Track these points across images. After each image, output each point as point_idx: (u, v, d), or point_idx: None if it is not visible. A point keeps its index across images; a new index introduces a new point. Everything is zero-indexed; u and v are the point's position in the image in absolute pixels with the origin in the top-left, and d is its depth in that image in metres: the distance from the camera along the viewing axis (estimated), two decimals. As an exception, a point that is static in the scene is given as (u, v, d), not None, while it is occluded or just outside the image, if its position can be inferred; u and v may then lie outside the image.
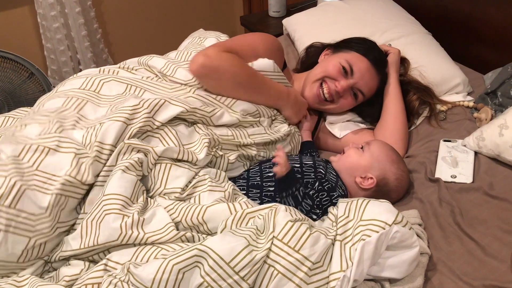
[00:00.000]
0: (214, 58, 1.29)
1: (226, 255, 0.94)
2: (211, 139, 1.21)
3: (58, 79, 2.79)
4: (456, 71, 1.73)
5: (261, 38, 1.45)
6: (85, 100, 1.25)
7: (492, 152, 1.38)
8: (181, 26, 3.21)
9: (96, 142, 1.13)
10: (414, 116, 1.59)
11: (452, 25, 1.92)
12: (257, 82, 1.35)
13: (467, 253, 1.14)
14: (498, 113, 1.54)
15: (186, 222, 1.08)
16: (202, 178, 1.17)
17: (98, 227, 1.03)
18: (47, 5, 2.54)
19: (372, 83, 1.49)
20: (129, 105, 1.18)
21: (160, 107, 1.20)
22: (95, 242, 1.03)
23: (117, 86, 1.30)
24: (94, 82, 1.30)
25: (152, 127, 1.19)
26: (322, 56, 1.57)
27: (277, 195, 1.20)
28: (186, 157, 1.17)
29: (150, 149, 1.14)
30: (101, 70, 1.38)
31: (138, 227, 1.04)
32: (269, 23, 2.46)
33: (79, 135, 1.16)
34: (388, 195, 1.26)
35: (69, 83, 1.32)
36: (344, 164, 1.29)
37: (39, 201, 1.03)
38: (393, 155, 1.30)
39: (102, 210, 1.04)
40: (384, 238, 1.02)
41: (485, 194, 1.29)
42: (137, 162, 1.12)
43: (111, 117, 1.16)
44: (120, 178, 1.08)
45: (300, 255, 0.98)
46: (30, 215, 1.02)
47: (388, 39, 1.77)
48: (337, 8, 1.99)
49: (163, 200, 1.13)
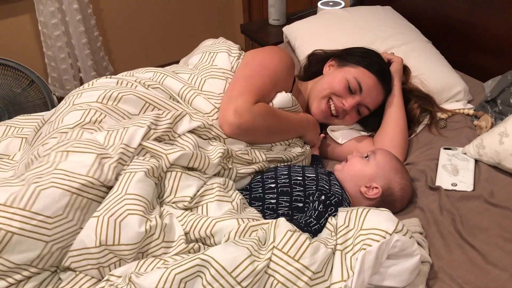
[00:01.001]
0: (247, 116, 1.26)
1: (228, 265, 0.94)
2: (225, 150, 1.21)
3: (58, 86, 2.80)
4: (457, 79, 1.73)
5: (280, 64, 1.41)
6: (103, 113, 1.20)
7: (493, 160, 1.38)
8: (181, 34, 3.22)
9: (122, 144, 1.10)
10: (415, 124, 1.59)
11: (452, 33, 1.93)
12: (286, 125, 1.37)
13: (469, 261, 1.14)
14: (498, 121, 1.54)
15: (194, 235, 1.08)
16: (210, 187, 1.16)
17: (119, 226, 0.98)
18: (48, 13, 2.55)
19: (378, 99, 1.49)
20: (153, 114, 1.19)
21: (182, 119, 1.21)
22: (116, 241, 0.98)
23: (135, 103, 1.25)
24: (112, 94, 1.24)
25: (170, 137, 1.19)
26: (327, 67, 1.55)
27: (279, 207, 1.20)
28: (198, 163, 1.16)
29: (163, 156, 1.13)
30: (119, 82, 1.32)
31: (161, 232, 1.02)
32: (269, 31, 2.47)
33: (100, 137, 1.13)
34: (393, 205, 1.26)
35: (86, 94, 1.26)
36: (349, 173, 1.28)
37: (56, 201, 0.97)
38: (397, 164, 1.29)
39: (125, 208, 1.00)
40: (385, 247, 1.02)
41: (486, 202, 1.29)
42: (157, 167, 1.10)
43: (135, 123, 1.15)
44: (143, 181, 1.05)
45: (300, 265, 0.97)
46: (47, 218, 0.96)
47: (388, 47, 1.77)
48: (337, 16, 2.00)
49: (173, 209, 1.12)
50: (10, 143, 1.32)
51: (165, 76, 1.38)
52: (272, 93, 1.37)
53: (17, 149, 1.31)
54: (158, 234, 1.02)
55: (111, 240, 0.98)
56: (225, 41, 1.52)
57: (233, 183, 1.23)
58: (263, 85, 1.34)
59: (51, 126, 1.20)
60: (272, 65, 1.39)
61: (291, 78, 1.46)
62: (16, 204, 0.95)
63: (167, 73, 1.39)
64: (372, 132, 1.56)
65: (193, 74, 1.40)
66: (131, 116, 1.23)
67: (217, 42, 1.52)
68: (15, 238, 0.94)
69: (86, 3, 2.67)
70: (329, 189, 1.22)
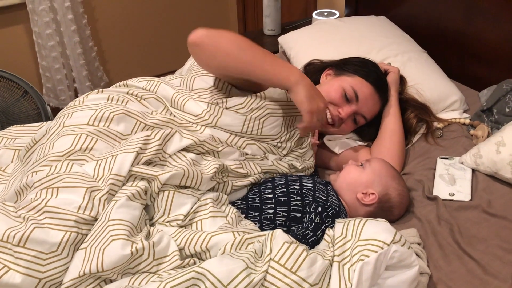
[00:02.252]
0: (214, 30, 1.22)
1: (224, 277, 0.92)
2: (220, 165, 1.20)
3: (53, 97, 2.78)
4: (453, 88, 1.74)
5: None
6: (95, 138, 1.18)
7: (490, 169, 1.38)
8: (177, 44, 3.22)
9: (112, 174, 1.09)
10: (411, 134, 1.59)
11: (447, 43, 1.93)
12: (260, 55, 1.21)
13: (468, 272, 1.13)
14: (494, 130, 1.54)
15: (189, 250, 1.06)
16: (204, 203, 1.15)
17: (102, 252, 0.97)
18: (42, 23, 2.55)
19: (375, 109, 1.49)
20: (141, 136, 1.16)
21: (171, 138, 1.19)
22: (99, 268, 0.96)
23: (127, 123, 1.23)
24: (103, 115, 1.21)
25: (160, 158, 1.17)
26: (324, 76, 1.55)
27: (277, 217, 1.19)
28: (190, 181, 1.14)
29: (155, 177, 1.11)
30: (110, 98, 1.29)
31: (150, 251, 1.01)
32: (264, 41, 2.47)
33: (90, 169, 1.12)
34: (390, 211, 1.25)
35: (76, 115, 1.24)
36: (345, 181, 1.27)
37: (50, 238, 0.98)
38: (393, 171, 1.29)
39: (109, 235, 0.99)
40: (383, 258, 1.00)
41: (484, 212, 1.28)
42: (143, 190, 1.09)
43: (123, 149, 1.13)
44: (126, 205, 1.04)
45: (298, 277, 0.96)
46: (40, 254, 0.96)
47: (384, 57, 1.78)
48: (332, 26, 2.01)
49: (165, 227, 1.10)
50: (2, 154, 1.31)
51: (159, 84, 1.36)
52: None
53: (9, 160, 1.30)
54: (147, 254, 1.01)
55: (95, 268, 0.97)
56: None
57: (226, 197, 1.21)
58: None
59: (41, 150, 1.18)
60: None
61: None
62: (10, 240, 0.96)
63: (160, 81, 1.38)
64: (369, 142, 1.56)
65: (184, 78, 1.40)
66: (124, 136, 1.21)
67: None
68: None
69: (81, 14, 2.66)
70: (326, 200, 1.21)
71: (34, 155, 1.20)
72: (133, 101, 1.31)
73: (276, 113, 1.31)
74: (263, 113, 1.29)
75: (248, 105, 1.28)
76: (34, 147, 1.24)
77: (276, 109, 1.31)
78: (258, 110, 1.29)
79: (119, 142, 1.20)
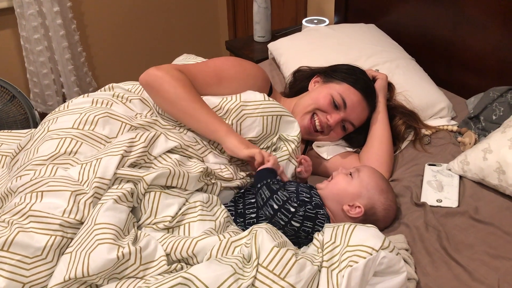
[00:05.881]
0: (161, 72, 1.27)
1: (212, 283, 0.92)
2: (205, 168, 1.19)
3: (40, 102, 2.76)
4: (440, 96, 1.75)
5: (236, 66, 1.39)
6: (79, 141, 1.18)
7: (477, 176, 1.39)
8: (166, 50, 3.21)
9: (96, 178, 1.08)
10: (400, 140, 1.59)
11: (435, 51, 1.95)
12: (195, 110, 1.26)
13: (455, 278, 1.13)
14: (481, 137, 1.55)
15: (175, 256, 1.05)
16: (193, 205, 1.14)
17: (87, 257, 0.96)
18: (30, 28, 2.53)
19: (363, 116, 1.49)
20: (126, 138, 1.16)
21: (156, 139, 1.19)
22: (84, 272, 0.95)
23: (111, 125, 1.23)
24: (88, 118, 1.22)
25: (146, 160, 1.17)
26: (312, 83, 1.56)
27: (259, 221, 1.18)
28: (176, 181, 1.13)
29: (140, 178, 1.10)
30: (94, 101, 1.30)
31: (136, 255, 1.00)
32: (254, 47, 2.47)
33: (74, 172, 1.11)
34: (375, 224, 1.24)
35: (61, 119, 1.24)
36: (332, 191, 1.26)
37: (34, 242, 0.97)
38: (382, 184, 1.27)
39: (95, 239, 0.98)
40: (371, 264, 1.00)
41: (471, 219, 1.29)
42: (129, 192, 1.08)
43: (108, 152, 1.12)
44: (113, 209, 1.04)
45: (287, 283, 0.95)
46: (25, 258, 0.95)
47: (373, 64, 1.79)
48: (322, 33, 2.02)
49: (153, 231, 1.10)
50: None
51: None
52: (215, 86, 1.35)
53: None
54: (134, 258, 1.00)
55: (80, 273, 0.95)
56: (195, 57, 1.54)
57: (217, 199, 1.21)
58: (198, 71, 1.34)
59: (26, 155, 1.17)
60: (223, 63, 1.40)
61: (255, 86, 1.40)
62: None
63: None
64: (358, 148, 1.56)
65: None
66: (109, 139, 1.21)
67: (188, 58, 1.54)
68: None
69: (70, 19, 2.65)
70: (310, 199, 1.21)
71: (20, 159, 1.19)
72: (118, 103, 1.31)
73: (253, 114, 1.30)
74: (239, 114, 1.30)
75: (224, 107, 1.29)
76: (20, 154, 1.22)
77: (252, 109, 1.31)
78: (234, 112, 1.29)
79: (104, 145, 1.19)
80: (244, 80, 1.38)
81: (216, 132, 1.26)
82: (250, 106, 1.31)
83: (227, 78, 1.36)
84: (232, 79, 1.37)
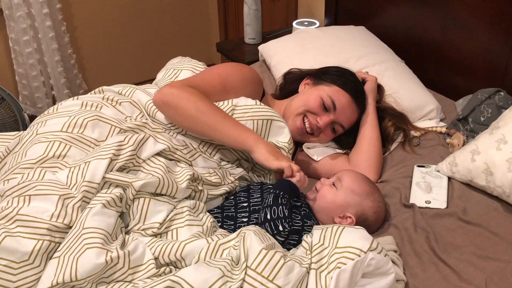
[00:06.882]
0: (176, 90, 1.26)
1: (200, 286, 0.91)
2: (193, 174, 1.19)
3: (29, 104, 2.74)
4: (429, 97, 1.76)
5: (237, 72, 1.41)
6: (68, 144, 1.17)
7: (465, 177, 1.40)
8: (157, 52, 3.21)
9: (85, 181, 1.07)
10: (389, 142, 1.60)
11: (424, 53, 1.96)
12: (219, 122, 1.25)
13: (443, 279, 1.14)
14: (470, 139, 1.56)
15: (164, 259, 1.04)
16: (180, 211, 1.14)
17: (75, 261, 0.95)
18: (19, 29, 2.51)
19: (352, 117, 1.50)
20: (115, 141, 1.15)
21: (145, 142, 1.18)
22: (72, 277, 0.94)
23: (101, 128, 1.23)
24: (77, 121, 1.21)
25: (134, 164, 1.17)
26: (302, 86, 1.57)
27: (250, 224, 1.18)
28: (165, 190, 1.13)
29: (129, 184, 1.10)
30: (84, 104, 1.29)
31: (125, 259, 0.99)
32: (245, 49, 2.48)
33: (63, 176, 1.10)
34: (368, 228, 1.24)
35: (50, 122, 1.23)
36: (321, 205, 1.25)
37: (21, 247, 0.96)
38: (366, 187, 1.27)
39: (83, 244, 0.97)
40: (359, 265, 1.01)
41: (459, 220, 1.30)
42: (117, 197, 1.08)
43: (96, 156, 1.12)
44: (101, 213, 1.03)
45: (275, 285, 0.95)
46: (11, 263, 0.94)
47: (362, 66, 1.79)
48: (312, 35, 2.02)
49: (141, 236, 1.09)
50: None
51: (134, 90, 1.37)
52: (221, 95, 1.35)
53: None
54: (123, 262, 0.99)
55: (68, 277, 0.94)
56: (190, 60, 1.54)
57: (203, 206, 1.21)
58: (207, 82, 1.35)
59: (14, 158, 1.17)
60: (225, 71, 1.40)
61: (252, 90, 1.42)
62: None
63: (136, 87, 1.39)
64: (348, 150, 1.57)
65: (156, 88, 1.41)
66: (98, 142, 1.20)
67: (183, 61, 1.54)
68: None
69: (60, 20, 2.64)
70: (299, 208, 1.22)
71: (8, 162, 1.18)
72: (108, 106, 1.31)
73: (243, 118, 1.31)
74: None
75: None
76: (8, 157, 1.21)
77: (243, 113, 1.31)
78: None
79: (93, 148, 1.18)
80: (245, 86, 1.40)
81: (244, 143, 1.25)
82: (240, 110, 1.32)
83: (231, 86, 1.38)
84: (236, 87, 1.38)
